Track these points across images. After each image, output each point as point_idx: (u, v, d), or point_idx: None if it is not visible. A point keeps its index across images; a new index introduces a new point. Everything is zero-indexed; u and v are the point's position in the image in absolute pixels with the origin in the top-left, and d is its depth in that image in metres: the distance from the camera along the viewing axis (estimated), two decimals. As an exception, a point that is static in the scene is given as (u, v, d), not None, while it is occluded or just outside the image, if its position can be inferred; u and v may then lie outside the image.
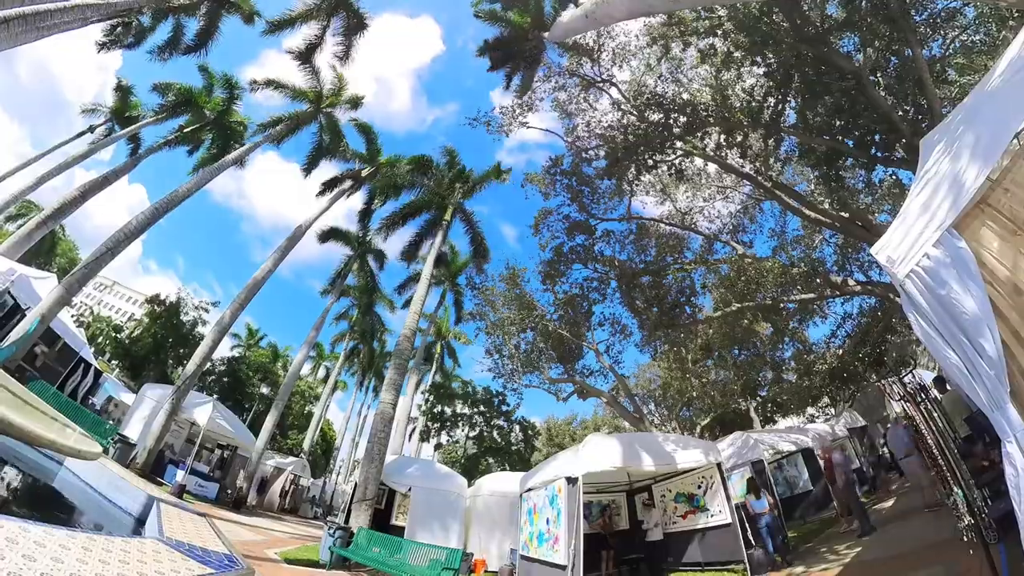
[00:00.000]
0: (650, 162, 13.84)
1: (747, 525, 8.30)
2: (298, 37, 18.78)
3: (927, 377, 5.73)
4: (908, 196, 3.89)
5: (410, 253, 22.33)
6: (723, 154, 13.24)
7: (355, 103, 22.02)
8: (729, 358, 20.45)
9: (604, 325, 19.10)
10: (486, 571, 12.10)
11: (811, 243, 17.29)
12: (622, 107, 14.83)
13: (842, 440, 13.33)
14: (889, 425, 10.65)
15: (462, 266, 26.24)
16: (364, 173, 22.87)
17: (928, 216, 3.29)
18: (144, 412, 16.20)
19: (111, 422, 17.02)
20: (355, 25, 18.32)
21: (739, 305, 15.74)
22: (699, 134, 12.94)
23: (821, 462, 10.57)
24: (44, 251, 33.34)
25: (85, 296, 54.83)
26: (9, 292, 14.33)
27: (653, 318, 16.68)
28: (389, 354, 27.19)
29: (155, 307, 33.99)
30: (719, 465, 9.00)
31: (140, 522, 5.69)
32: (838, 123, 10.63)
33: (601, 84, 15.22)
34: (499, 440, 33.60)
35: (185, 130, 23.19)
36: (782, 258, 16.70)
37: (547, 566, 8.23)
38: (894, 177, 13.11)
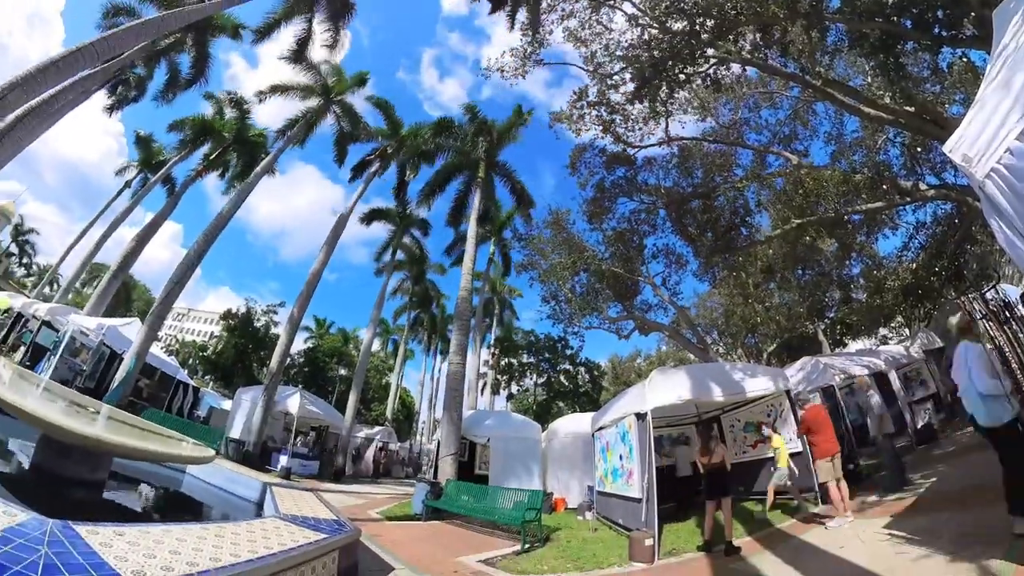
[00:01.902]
0: (681, 76, 12.60)
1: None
2: (288, 36, 18.63)
3: (1012, 293, 5.06)
4: (983, 81, 3.34)
5: (455, 218, 22.67)
6: (762, 55, 11.77)
7: (361, 81, 21.86)
8: (793, 279, 19.21)
9: (658, 257, 18.67)
10: (566, 508, 12.71)
11: (874, 145, 15.21)
12: (640, 22, 13.46)
13: (913, 363, 12.31)
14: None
15: (506, 219, 26.31)
16: (389, 150, 22.93)
17: (1009, 102, 2.80)
18: (243, 413, 17.97)
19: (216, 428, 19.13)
20: (340, 9, 17.78)
21: (799, 221, 14.32)
22: (731, 37, 11.53)
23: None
24: (123, 301, 37.17)
25: (167, 328, 60.61)
26: (104, 343, 16.34)
27: (708, 244, 15.88)
28: (450, 317, 28.18)
29: (230, 321, 37.20)
30: (788, 392, 8.76)
31: (259, 506, 6.52)
32: (890, 1, 9.08)
33: (612, 1, 13.94)
34: (567, 384, 34.46)
35: (210, 157, 24.39)
36: (842, 165, 14.92)
37: (623, 500, 8.50)
38: (964, 59, 11.09)
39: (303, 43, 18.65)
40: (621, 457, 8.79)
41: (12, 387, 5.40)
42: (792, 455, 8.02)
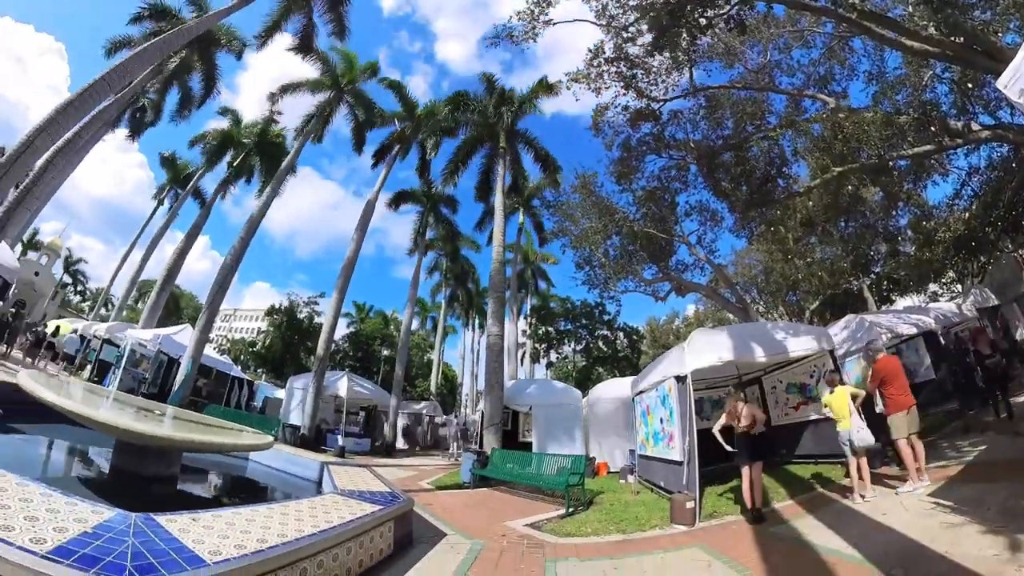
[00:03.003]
0: (702, 20, 11.76)
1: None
2: (286, 39, 18.80)
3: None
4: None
5: (481, 191, 22.74)
6: (788, -12, 10.89)
7: (373, 70, 21.87)
8: (835, 232, 18.04)
9: (691, 214, 18.06)
10: (609, 472, 12.90)
11: (919, 82, 13.68)
12: (651, -35, 12.64)
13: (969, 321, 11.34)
14: None
15: (533, 189, 26.12)
16: (408, 131, 22.93)
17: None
18: (296, 400, 19.07)
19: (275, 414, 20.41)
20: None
21: (839, 169, 13.20)
22: (753, -29, 10.72)
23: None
24: (172, 310, 39.75)
25: (217, 330, 63.97)
26: (161, 352, 17.66)
27: (743, 198, 15.11)
28: (486, 291, 28.64)
29: (274, 316, 39.00)
30: (832, 352, 8.44)
31: (318, 484, 7.08)
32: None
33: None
34: (605, 349, 34.25)
35: (234, 164, 25.34)
36: (885, 106, 13.52)
37: (664, 463, 8.55)
38: (1019, -19, 9.76)
39: (308, 35, 18.74)
40: (662, 420, 8.79)
41: (85, 402, 6.01)
42: (823, 420, 7.66)
